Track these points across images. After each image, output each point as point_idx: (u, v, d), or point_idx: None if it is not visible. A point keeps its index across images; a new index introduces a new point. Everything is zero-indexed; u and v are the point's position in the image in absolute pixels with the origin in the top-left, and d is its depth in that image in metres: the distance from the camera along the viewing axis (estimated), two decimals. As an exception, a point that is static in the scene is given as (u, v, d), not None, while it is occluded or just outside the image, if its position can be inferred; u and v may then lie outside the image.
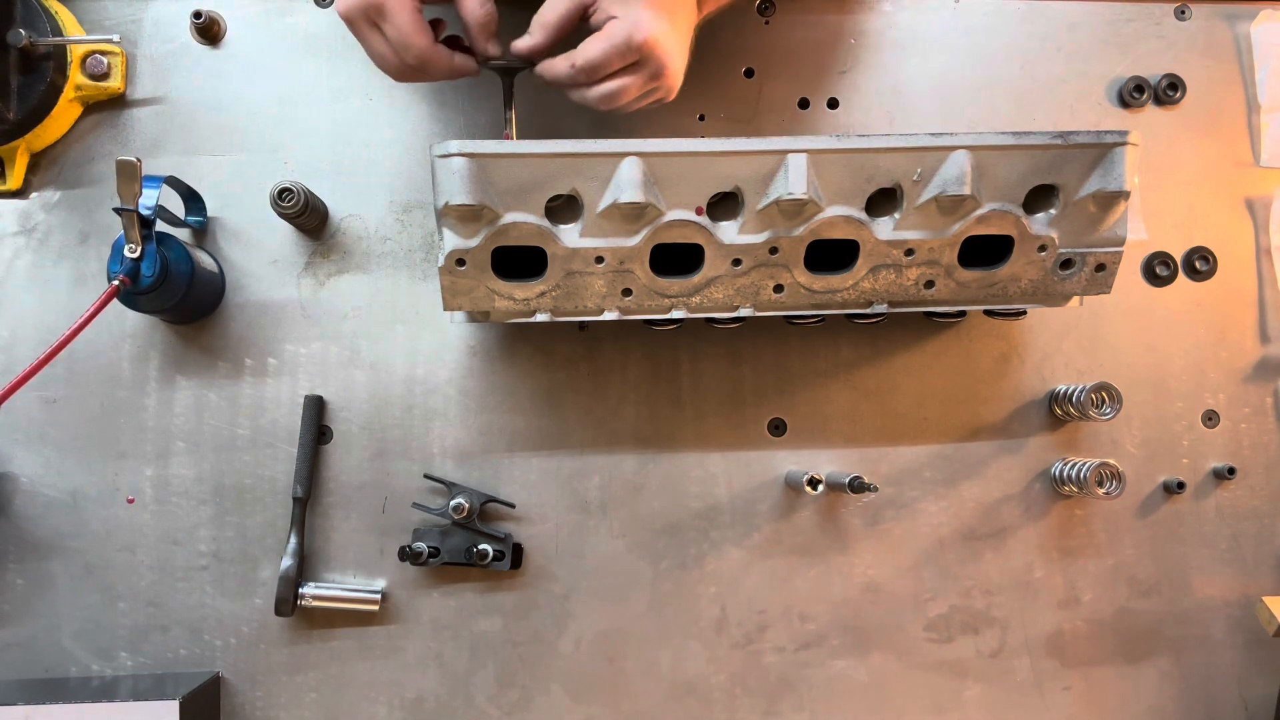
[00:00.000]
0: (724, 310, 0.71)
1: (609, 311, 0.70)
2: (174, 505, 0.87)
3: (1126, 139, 0.67)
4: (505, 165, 0.64)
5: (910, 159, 0.66)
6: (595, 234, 0.67)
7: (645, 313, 0.71)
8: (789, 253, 0.68)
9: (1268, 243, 0.95)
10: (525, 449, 0.90)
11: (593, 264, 0.67)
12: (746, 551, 0.90)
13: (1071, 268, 0.69)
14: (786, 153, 0.65)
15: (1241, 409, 0.94)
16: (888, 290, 0.70)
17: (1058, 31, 0.96)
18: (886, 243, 0.68)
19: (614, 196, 0.65)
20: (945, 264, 0.69)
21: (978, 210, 0.68)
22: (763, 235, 0.68)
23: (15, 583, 0.86)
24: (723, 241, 0.68)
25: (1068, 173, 0.68)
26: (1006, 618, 0.91)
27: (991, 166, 0.67)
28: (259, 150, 0.90)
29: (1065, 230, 0.69)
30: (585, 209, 0.66)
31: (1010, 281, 0.70)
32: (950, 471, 0.92)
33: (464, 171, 0.63)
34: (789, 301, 0.70)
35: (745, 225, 0.68)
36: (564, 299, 0.68)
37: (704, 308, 0.70)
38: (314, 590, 0.86)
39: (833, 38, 0.95)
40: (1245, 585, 0.92)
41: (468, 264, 0.66)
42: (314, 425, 0.88)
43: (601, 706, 0.89)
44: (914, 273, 0.69)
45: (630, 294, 0.69)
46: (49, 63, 0.84)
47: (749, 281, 0.69)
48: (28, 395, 0.85)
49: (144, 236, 0.77)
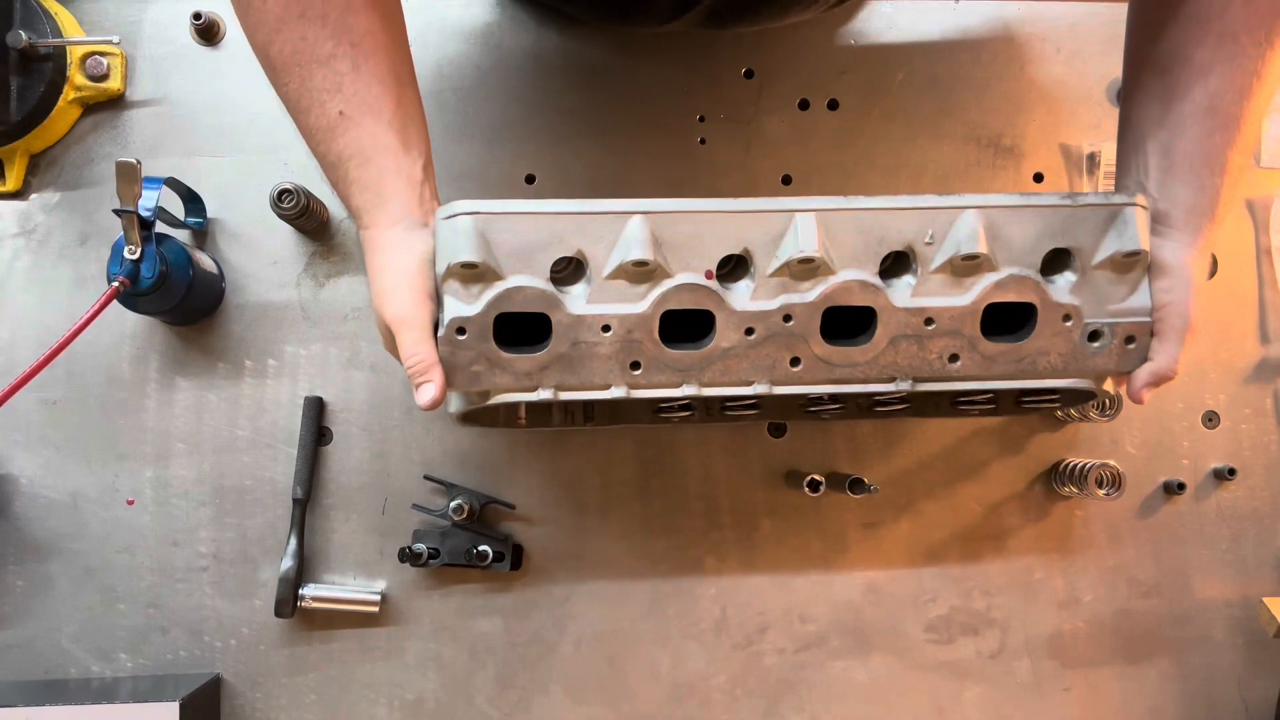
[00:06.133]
0: (738, 385, 0.67)
1: (616, 388, 0.66)
2: (174, 506, 0.87)
3: (1135, 201, 0.66)
4: (510, 224, 0.63)
5: (920, 218, 0.65)
6: (602, 299, 0.64)
7: (655, 388, 0.67)
8: (804, 321, 0.66)
9: (1268, 243, 0.95)
10: (525, 450, 0.90)
11: (599, 333, 0.64)
12: (746, 553, 0.90)
13: (1100, 339, 0.68)
14: (795, 212, 0.64)
15: (1242, 410, 0.93)
16: (910, 365, 0.67)
17: (1058, 31, 0.96)
18: (905, 310, 0.66)
19: (621, 256, 0.63)
20: (969, 335, 0.67)
21: (994, 275, 0.66)
22: (775, 302, 0.66)
23: (15, 584, 0.86)
24: (734, 308, 0.65)
25: (1081, 235, 0.66)
26: (1007, 619, 0.91)
27: (1003, 227, 0.66)
28: (259, 151, 0.90)
29: (1088, 299, 0.67)
30: (591, 273, 0.64)
31: (1039, 355, 0.68)
32: (950, 472, 0.92)
33: (469, 229, 0.62)
34: (807, 376, 0.67)
35: (757, 291, 0.66)
36: (569, 372, 0.66)
37: (716, 383, 0.67)
38: (314, 591, 0.86)
39: (833, 38, 0.95)
40: (1245, 586, 0.92)
41: (468, 333, 0.63)
42: (314, 426, 0.87)
43: (601, 707, 0.88)
44: (937, 345, 0.67)
45: (639, 368, 0.66)
46: (48, 64, 0.84)
47: (763, 354, 0.66)
48: (28, 396, 0.85)
49: (144, 238, 0.77)
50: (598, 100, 0.93)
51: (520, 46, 0.93)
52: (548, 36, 0.93)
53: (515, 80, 0.92)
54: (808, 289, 0.66)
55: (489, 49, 0.93)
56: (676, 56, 0.93)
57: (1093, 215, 0.66)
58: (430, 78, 0.90)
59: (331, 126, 0.62)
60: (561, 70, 0.93)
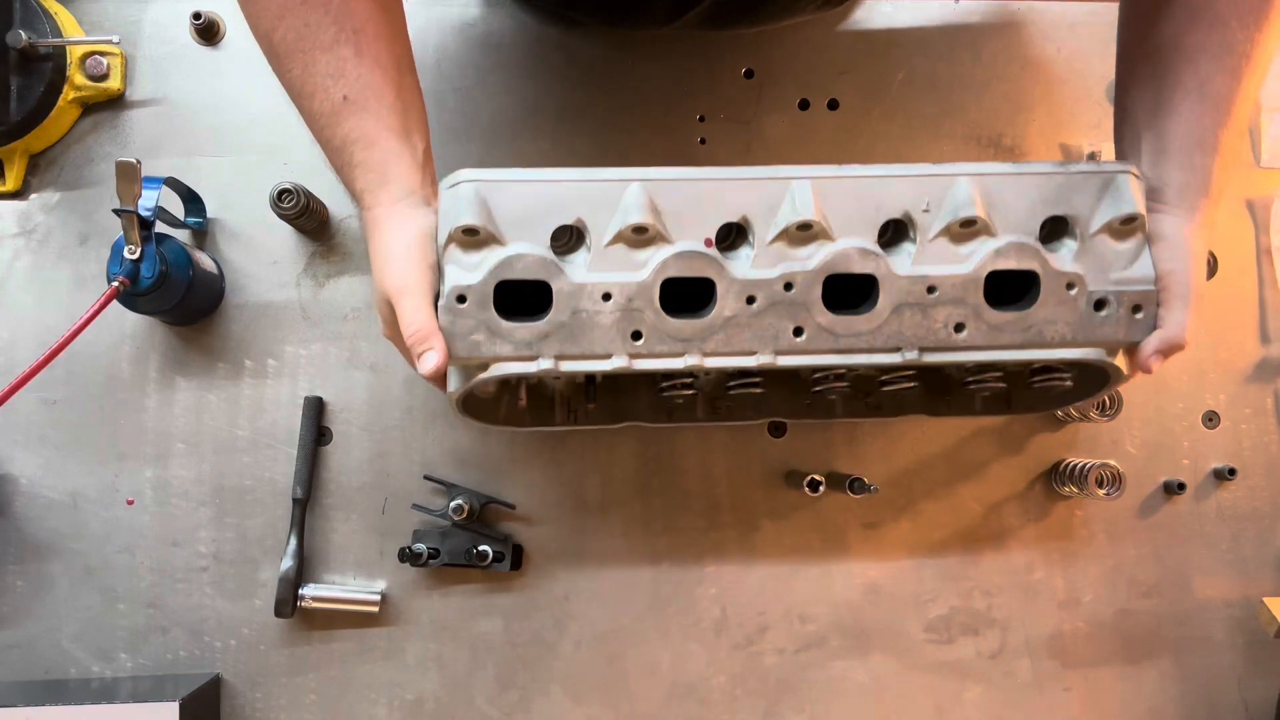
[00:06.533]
0: (741, 355, 0.67)
1: (617, 357, 0.66)
2: (174, 507, 0.87)
3: (1128, 169, 0.67)
4: (512, 191, 0.64)
5: (916, 185, 0.66)
6: (602, 267, 0.65)
7: (656, 358, 0.67)
8: (805, 289, 0.66)
9: (1268, 243, 0.95)
10: (525, 450, 0.90)
11: (600, 301, 0.65)
12: (746, 553, 0.90)
13: (1106, 307, 0.68)
14: (791, 179, 0.65)
15: (1242, 409, 0.93)
16: (915, 334, 0.67)
17: (1058, 31, 0.96)
18: (907, 279, 0.66)
19: (621, 222, 0.64)
20: (973, 303, 0.67)
21: (994, 242, 0.66)
22: (776, 269, 0.66)
23: (15, 584, 0.86)
24: (735, 276, 0.66)
25: (1077, 203, 0.67)
26: (1007, 619, 0.91)
27: (998, 195, 0.66)
28: (259, 151, 0.90)
29: (1091, 268, 0.67)
30: (591, 240, 0.65)
31: (1046, 325, 0.67)
32: (950, 472, 0.92)
33: (471, 195, 0.63)
34: (810, 346, 0.67)
35: (757, 260, 0.66)
36: (569, 341, 0.66)
37: (719, 352, 0.67)
38: (314, 591, 0.86)
39: (833, 38, 0.95)
40: (1246, 586, 0.92)
41: (469, 301, 0.64)
42: (314, 426, 0.87)
43: (601, 708, 0.88)
44: (941, 314, 0.67)
45: (640, 338, 0.66)
46: (48, 64, 0.84)
47: (766, 324, 0.66)
48: (28, 396, 0.84)
49: (143, 238, 0.77)
50: (598, 100, 0.93)
51: (520, 46, 0.93)
52: (548, 36, 0.93)
53: (515, 80, 0.92)
54: (807, 256, 0.66)
55: (489, 49, 0.93)
56: (676, 56, 0.93)
57: (1086, 182, 0.67)
58: (430, 77, 0.90)
59: (335, 111, 0.64)
60: (562, 70, 0.93)
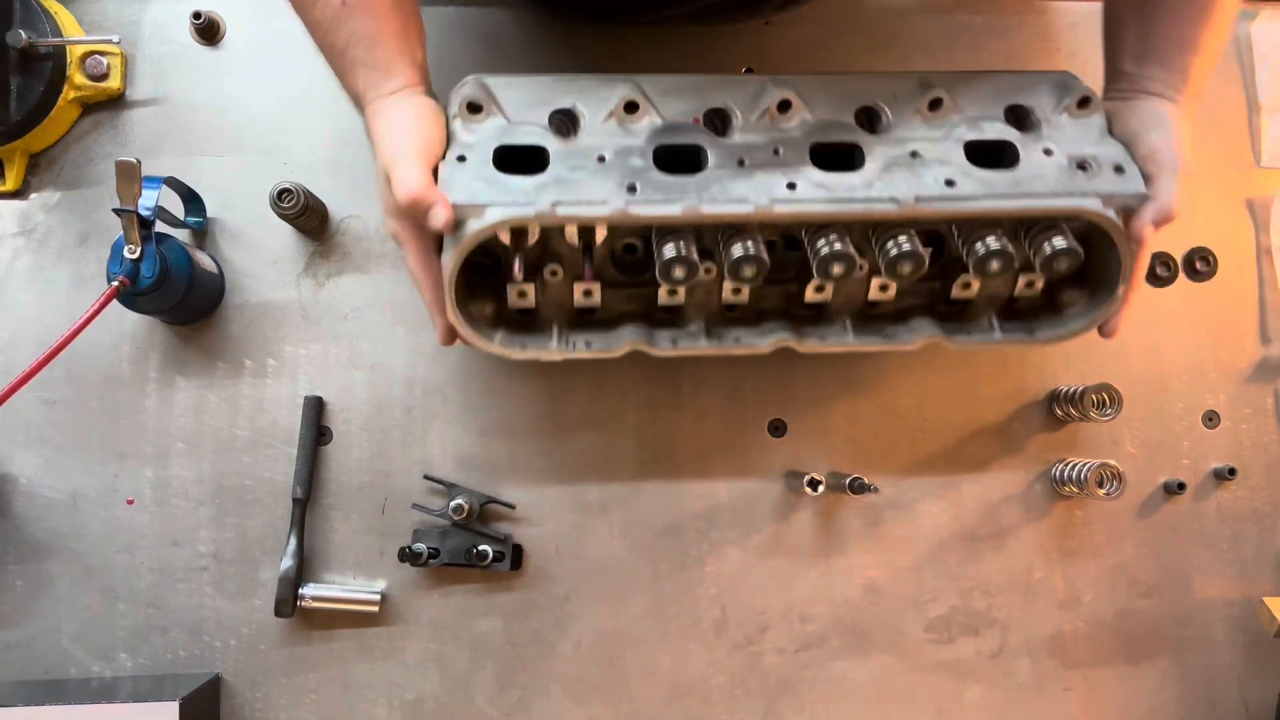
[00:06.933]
0: (736, 205, 0.68)
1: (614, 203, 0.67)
2: (173, 506, 0.87)
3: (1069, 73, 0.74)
4: (515, 87, 0.71)
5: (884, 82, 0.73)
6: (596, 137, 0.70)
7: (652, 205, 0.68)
8: (792, 154, 0.70)
9: (1268, 243, 0.95)
10: (525, 450, 0.90)
11: (595, 161, 0.69)
12: (746, 552, 0.90)
13: (1089, 169, 0.70)
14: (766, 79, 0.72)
15: (1242, 409, 0.93)
16: (908, 189, 0.69)
17: (1058, 31, 0.96)
18: (890, 143, 0.71)
19: (614, 102, 0.70)
20: (958, 163, 0.70)
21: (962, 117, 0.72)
22: (763, 137, 0.71)
23: (15, 584, 0.86)
24: (724, 143, 0.71)
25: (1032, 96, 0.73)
26: (1007, 619, 0.91)
27: (958, 91, 0.73)
28: (259, 151, 0.90)
29: (1061, 141, 0.72)
30: (586, 123, 0.70)
31: (1034, 179, 0.70)
32: (950, 472, 0.92)
33: (475, 84, 0.70)
34: (804, 197, 0.68)
35: (743, 134, 0.71)
36: (566, 191, 0.67)
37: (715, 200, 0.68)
38: (314, 591, 0.86)
39: (833, 38, 0.95)
40: (1246, 586, 0.92)
41: (469, 159, 0.68)
42: (314, 426, 0.87)
43: (601, 707, 0.88)
44: (929, 173, 0.70)
45: (635, 191, 0.67)
46: (48, 63, 0.84)
47: (758, 181, 0.69)
48: (27, 396, 0.84)
49: (143, 237, 0.77)
50: (598, 100, 0.93)
51: (520, 46, 0.93)
52: (548, 36, 0.93)
53: (515, 80, 0.92)
54: (792, 128, 0.72)
55: (489, 48, 0.93)
56: (676, 56, 0.93)
57: (1036, 79, 0.74)
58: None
59: (335, 15, 0.68)
60: (561, 68, 0.92)
